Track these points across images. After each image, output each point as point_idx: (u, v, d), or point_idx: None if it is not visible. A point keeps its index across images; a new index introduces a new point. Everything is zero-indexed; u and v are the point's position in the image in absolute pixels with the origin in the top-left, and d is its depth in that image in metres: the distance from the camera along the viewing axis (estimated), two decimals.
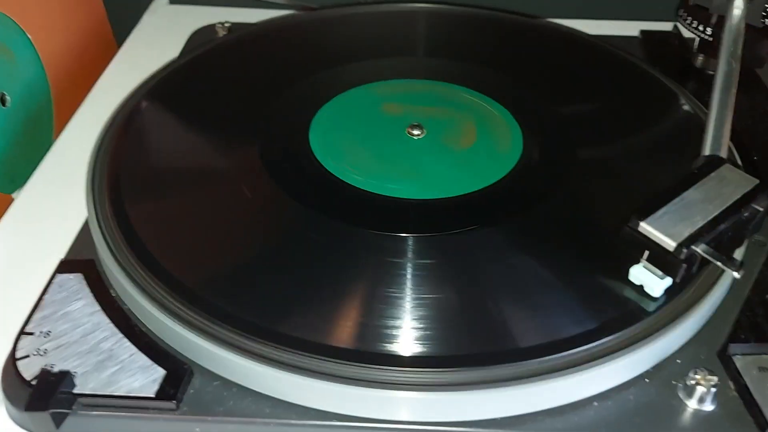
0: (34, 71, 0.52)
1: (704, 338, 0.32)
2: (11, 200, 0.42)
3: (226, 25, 0.55)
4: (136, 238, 0.34)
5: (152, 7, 0.64)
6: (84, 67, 0.59)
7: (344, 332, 0.31)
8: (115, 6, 0.66)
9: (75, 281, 0.34)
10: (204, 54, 0.49)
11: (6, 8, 0.48)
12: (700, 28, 0.50)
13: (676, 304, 0.32)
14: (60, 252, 0.37)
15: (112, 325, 0.32)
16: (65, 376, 0.29)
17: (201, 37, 0.56)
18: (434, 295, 0.32)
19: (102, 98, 0.50)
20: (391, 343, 0.30)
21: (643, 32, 0.57)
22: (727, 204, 0.32)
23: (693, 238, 0.31)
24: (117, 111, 0.43)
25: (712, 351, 0.32)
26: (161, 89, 0.46)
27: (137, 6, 0.63)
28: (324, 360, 0.29)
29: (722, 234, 0.32)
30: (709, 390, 0.29)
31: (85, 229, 0.37)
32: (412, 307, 0.32)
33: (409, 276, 0.33)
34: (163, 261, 0.33)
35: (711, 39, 0.50)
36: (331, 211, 0.37)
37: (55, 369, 0.30)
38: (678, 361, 0.31)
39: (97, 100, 0.51)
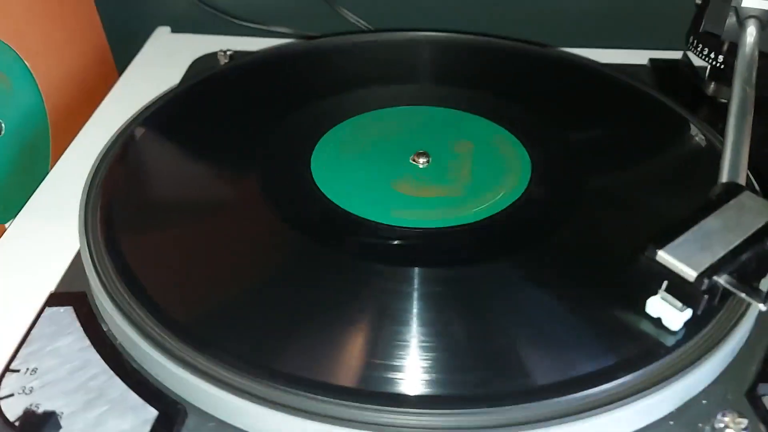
0: (31, 99, 0.51)
1: (731, 377, 0.30)
2: (4, 230, 0.41)
3: (228, 53, 0.54)
4: (129, 270, 0.33)
5: (154, 35, 0.63)
6: (84, 95, 0.58)
7: (350, 371, 0.29)
8: (117, 34, 0.65)
9: (65, 315, 0.33)
10: (202, 82, 0.48)
11: (3, 35, 0.48)
12: (712, 55, 0.49)
13: (699, 340, 0.30)
14: (51, 284, 0.35)
15: (102, 362, 0.30)
16: (50, 417, 0.27)
17: (202, 65, 0.55)
18: (440, 332, 0.31)
19: (100, 127, 0.49)
20: (396, 382, 0.28)
21: (652, 60, 0.57)
22: (749, 233, 0.31)
23: (714, 268, 0.29)
24: (113, 140, 0.42)
25: (740, 391, 0.30)
26: (158, 118, 0.44)
27: (139, 34, 0.63)
28: (327, 401, 0.27)
29: (745, 264, 0.30)
30: None
31: (77, 261, 0.36)
32: (419, 344, 0.30)
33: (414, 310, 0.32)
34: (156, 295, 0.32)
35: (723, 66, 0.49)
36: (334, 242, 0.36)
37: (41, 409, 0.28)
38: (704, 402, 0.29)
39: (95, 129, 0.50)
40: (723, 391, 0.30)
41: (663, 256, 0.30)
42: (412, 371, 0.29)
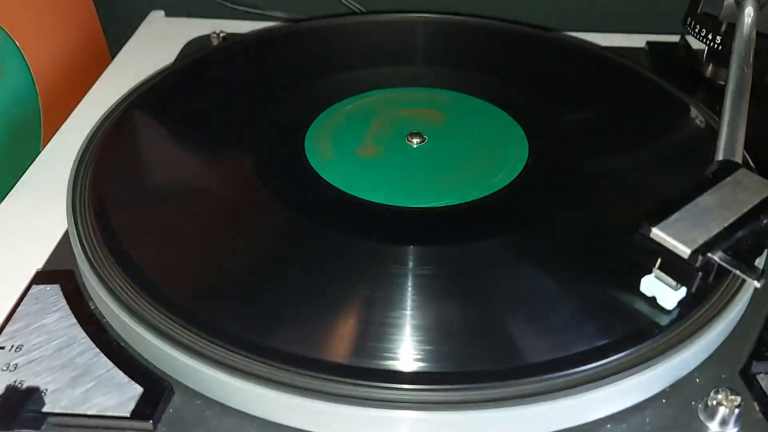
0: (22, 80, 0.50)
1: (724, 355, 0.30)
2: None
3: (221, 35, 0.54)
4: (116, 246, 0.32)
5: (148, 18, 0.62)
6: (76, 77, 0.57)
7: (338, 347, 0.29)
8: (110, 18, 0.65)
9: (52, 293, 0.32)
10: (193, 63, 0.48)
11: None
12: (710, 36, 0.48)
13: (694, 318, 0.30)
14: (38, 262, 0.35)
15: (88, 339, 0.30)
16: (33, 393, 0.27)
17: (195, 46, 0.54)
18: (434, 309, 0.30)
19: (92, 109, 0.49)
20: (388, 359, 0.28)
21: (649, 43, 0.56)
22: (745, 210, 0.30)
23: (709, 245, 0.28)
24: (103, 118, 0.42)
25: (733, 369, 0.29)
26: (149, 98, 0.44)
27: (133, 18, 0.62)
28: (315, 377, 0.27)
29: (740, 241, 0.29)
30: (732, 411, 0.27)
31: (65, 239, 0.36)
32: (411, 321, 0.30)
33: (409, 288, 0.31)
34: (143, 271, 0.31)
35: (720, 48, 0.48)
36: (326, 220, 0.35)
37: (25, 385, 0.28)
38: (697, 380, 0.29)
39: (86, 111, 0.49)
40: (717, 369, 0.29)
41: (657, 233, 0.29)
42: (406, 348, 0.28)
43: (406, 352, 0.28)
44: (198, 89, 0.46)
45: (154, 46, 0.58)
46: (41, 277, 0.33)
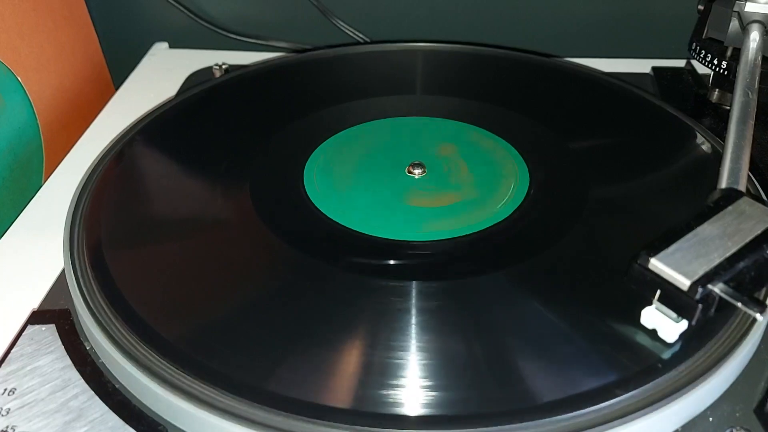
0: (24, 115, 0.50)
1: (739, 392, 0.29)
2: None
3: (224, 66, 0.54)
4: (113, 287, 0.32)
5: (152, 50, 0.63)
6: (79, 111, 0.58)
7: (342, 391, 0.28)
8: (114, 50, 0.65)
9: (47, 333, 0.32)
10: (191, 98, 0.48)
11: None
12: (715, 61, 0.48)
13: (706, 354, 0.28)
14: (35, 301, 0.35)
15: (83, 382, 0.30)
16: None
17: (198, 79, 0.54)
18: (436, 348, 0.29)
19: (94, 142, 0.49)
20: (392, 403, 0.27)
21: (654, 69, 0.55)
22: (747, 240, 0.29)
23: (709, 277, 0.27)
24: (103, 153, 0.42)
25: (748, 407, 0.28)
26: (148, 132, 0.44)
27: (137, 50, 0.62)
28: (318, 423, 0.26)
29: (743, 273, 0.28)
30: None
31: (62, 278, 0.35)
32: (416, 362, 0.29)
33: (413, 326, 0.30)
34: (140, 313, 0.31)
35: (726, 73, 0.47)
36: (326, 256, 0.35)
37: (17, 431, 0.27)
38: (710, 419, 0.28)
39: (88, 145, 0.49)
40: (731, 406, 0.28)
41: (656, 264, 0.28)
42: (411, 392, 0.28)
43: (411, 396, 0.27)
44: (195, 125, 0.45)
45: (158, 78, 0.58)
46: (36, 317, 0.32)
